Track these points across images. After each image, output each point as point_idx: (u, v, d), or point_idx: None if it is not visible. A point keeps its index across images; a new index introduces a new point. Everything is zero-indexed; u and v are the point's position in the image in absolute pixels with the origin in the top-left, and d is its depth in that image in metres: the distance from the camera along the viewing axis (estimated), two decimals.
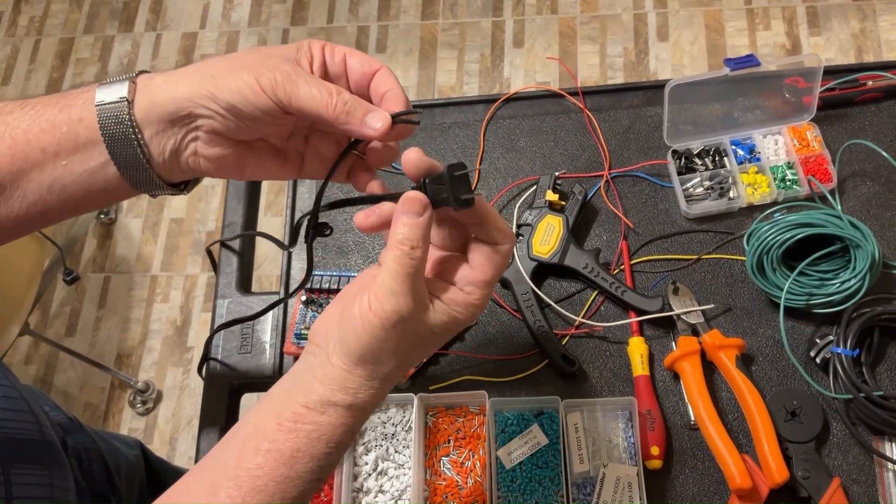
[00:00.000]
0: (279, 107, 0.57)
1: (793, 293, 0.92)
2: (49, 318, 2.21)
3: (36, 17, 2.66)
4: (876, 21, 2.32)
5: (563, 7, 2.45)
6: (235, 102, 0.57)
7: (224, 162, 0.62)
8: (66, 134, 0.59)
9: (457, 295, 0.60)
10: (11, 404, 0.72)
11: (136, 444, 1.13)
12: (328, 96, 0.57)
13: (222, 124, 0.59)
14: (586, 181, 1.07)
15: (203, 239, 2.26)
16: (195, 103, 0.58)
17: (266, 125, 0.59)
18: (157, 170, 0.61)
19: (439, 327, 0.60)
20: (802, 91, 1.04)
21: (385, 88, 0.61)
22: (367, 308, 0.57)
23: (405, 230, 0.57)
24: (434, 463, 0.91)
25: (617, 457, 0.90)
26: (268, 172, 0.66)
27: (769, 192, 1.02)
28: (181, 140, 0.60)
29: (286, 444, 0.57)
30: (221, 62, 0.59)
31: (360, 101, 0.59)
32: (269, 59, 0.58)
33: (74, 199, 0.61)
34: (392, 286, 0.56)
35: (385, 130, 0.58)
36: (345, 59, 0.62)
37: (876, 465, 0.89)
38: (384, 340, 0.57)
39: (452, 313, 0.60)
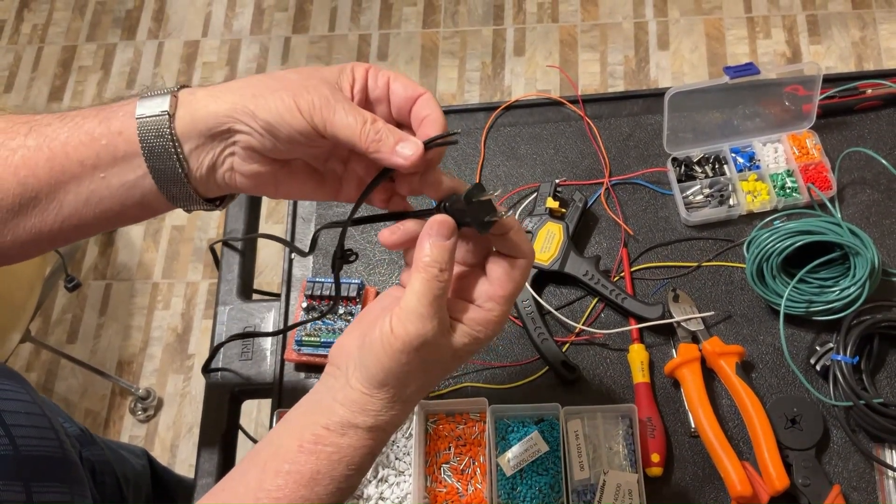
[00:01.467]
0: (315, 130, 0.57)
1: (793, 300, 0.93)
2: (50, 324, 2.22)
3: (38, 25, 2.67)
4: (876, 29, 2.33)
5: (563, 15, 2.45)
6: (273, 122, 0.57)
7: (259, 179, 0.62)
8: (106, 147, 0.59)
9: (476, 314, 0.60)
10: (34, 421, 0.72)
11: (143, 453, 1.14)
12: (362, 125, 0.57)
13: (259, 142, 0.58)
14: (586, 188, 1.07)
15: (204, 246, 2.26)
16: (235, 119, 0.58)
17: (302, 146, 0.59)
18: (194, 184, 0.61)
19: (462, 349, 0.59)
20: (802, 99, 1.04)
21: (425, 113, 0.60)
22: (389, 331, 0.57)
23: (434, 253, 0.57)
24: (434, 470, 0.91)
25: (617, 464, 0.90)
26: (304, 192, 0.66)
27: (769, 200, 1.02)
28: (219, 155, 0.60)
29: (306, 465, 0.57)
30: (264, 80, 0.59)
31: (392, 130, 0.58)
32: (310, 81, 0.58)
33: (111, 212, 0.61)
34: (418, 309, 0.56)
35: (416, 160, 0.57)
36: (388, 84, 0.62)
37: (876, 473, 0.89)
38: (406, 364, 0.57)
39: (474, 334, 0.60)
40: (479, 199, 0.58)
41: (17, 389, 0.73)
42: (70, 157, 0.58)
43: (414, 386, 0.59)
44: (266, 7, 2.60)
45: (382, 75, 0.62)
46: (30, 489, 0.67)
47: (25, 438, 0.69)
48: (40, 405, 0.74)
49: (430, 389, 0.63)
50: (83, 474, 0.76)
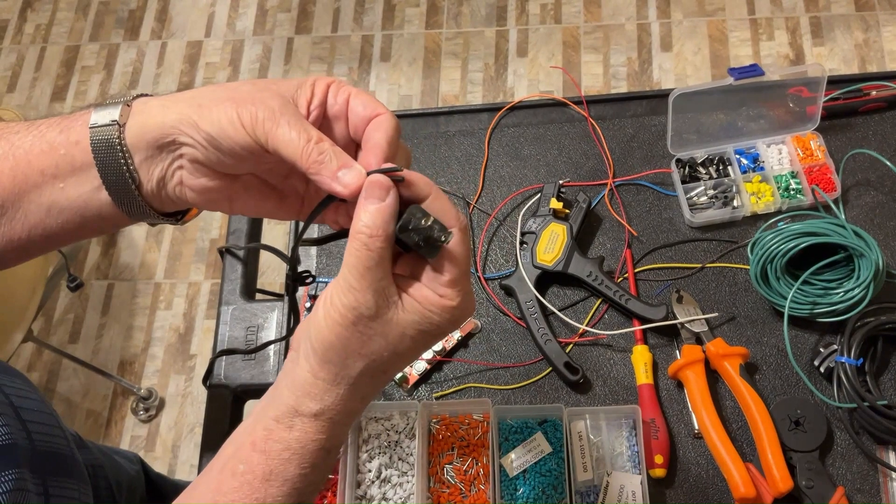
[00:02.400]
0: (258, 145, 0.54)
1: (797, 302, 0.93)
2: (52, 324, 2.22)
3: (41, 25, 2.67)
4: (879, 31, 2.32)
5: (566, 17, 2.45)
6: (214, 134, 0.55)
7: (210, 195, 0.60)
8: (64, 156, 0.58)
9: (430, 294, 0.55)
10: (45, 418, 0.72)
11: (136, 458, 1.13)
12: (305, 142, 0.54)
13: (204, 155, 0.56)
14: (590, 189, 1.07)
15: (207, 246, 2.26)
16: (179, 130, 0.56)
17: (249, 161, 0.57)
18: (146, 198, 0.59)
19: (412, 328, 0.55)
20: (806, 101, 1.04)
21: (373, 137, 0.57)
22: (329, 303, 0.54)
23: (363, 217, 0.53)
24: (437, 471, 0.91)
25: (620, 465, 0.90)
26: (262, 210, 0.63)
27: (773, 202, 1.02)
28: (167, 168, 0.58)
29: (258, 466, 0.55)
30: (214, 91, 0.57)
31: (338, 154, 0.54)
32: (262, 93, 0.56)
33: (72, 223, 0.60)
34: (349, 280, 0.53)
35: (355, 190, 0.53)
36: (348, 101, 0.58)
37: (880, 475, 0.89)
38: (346, 339, 0.54)
39: (426, 313, 0.55)
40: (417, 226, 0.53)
41: (27, 387, 0.73)
42: (32, 165, 0.58)
43: (360, 366, 0.55)
44: (269, 7, 2.60)
45: (343, 91, 0.58)
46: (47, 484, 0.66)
47: (40, 434, 0.69)
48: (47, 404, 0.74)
49: (383, 374, 0.57)
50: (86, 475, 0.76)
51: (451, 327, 0.56)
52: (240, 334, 1.04)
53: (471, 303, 0.57)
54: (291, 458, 0.55)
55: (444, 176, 1.09)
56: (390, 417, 0.94)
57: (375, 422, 0.94)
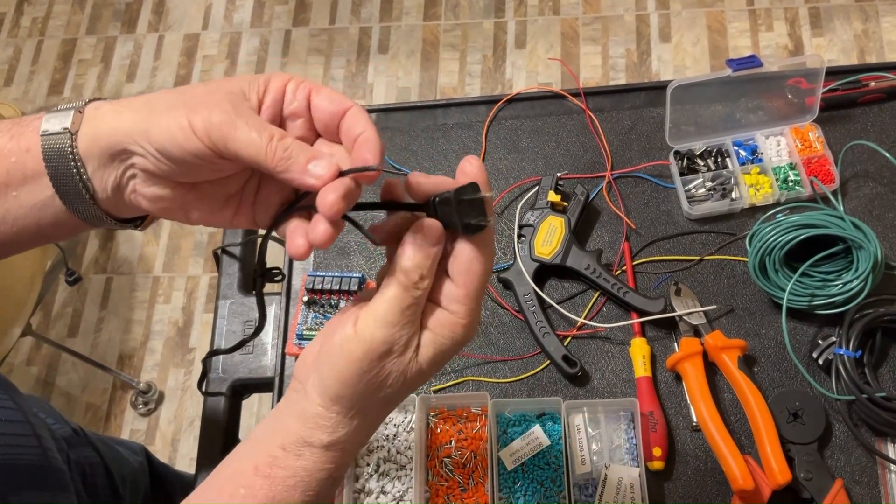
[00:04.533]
0: (214, 151, 0.52)
1: (795, 294, 0.92)
2: (51, 319, 2.22)
3: (38, 19, 2.66)
4: (878, 22, 2.32)
5: (564, 8, 2.44)
6: (165, 144, 0.52)
7: (164, 203, 0.57)
8: (15, 164, 0.55)
9: (443, 317, 0.55)
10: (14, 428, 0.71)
11: (140, 450, 1.13)
12: (268, 141, 0.51)
13: (155, 165, 0.54)
14: (588, 182, 1.07)
15: (205, 240, 2.26)
16: (131, 139, 0.53)
17: (202, 170, 0.54)
18: (102, 205, 0.57)
19: (427, 363, 0.54)
20: (805, 92, 1.03)
21: (358, 131, 0.54)
22: (352, 334, 0.52)
23: (417, 258, 0.52)
24: (436, 464, 0.91)
25: (619, 458, 0.90)
26: (219, 220, 0.59)
27: (771, 193, 1.02)
28: (121, 177, 0.56)
29: (261, 491, 0.53)
30: (167, 96, 0.54)
31: (303, 147, 0.52)
32: (213, 95, 0.53)
33: (28, 231, 0.58)
34: (388, 315, 0.52)
35: (329, 180, 0.51)
36: (308, 97, 0.56)
37: (878, 467, 0.89)
38: (366, 373, 0.53)
39: (439, 341, 0.54)
40: (471, 197, 0.53)
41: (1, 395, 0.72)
42: None
43: (374, 399, 0.54)
44: (266, 0, 2.59)
45: (303, 88, 0.56)
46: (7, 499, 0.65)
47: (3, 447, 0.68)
48: (24, 411, 0.73)
49: (391, 406, 0.57)
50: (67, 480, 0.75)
51: (456, 349, 0.56)
52: (238, 328, 1.03)
53: (477, 324, 0.56)
54: (297, 485, 0.54)
55: (442, 168, 1.09)
56: None
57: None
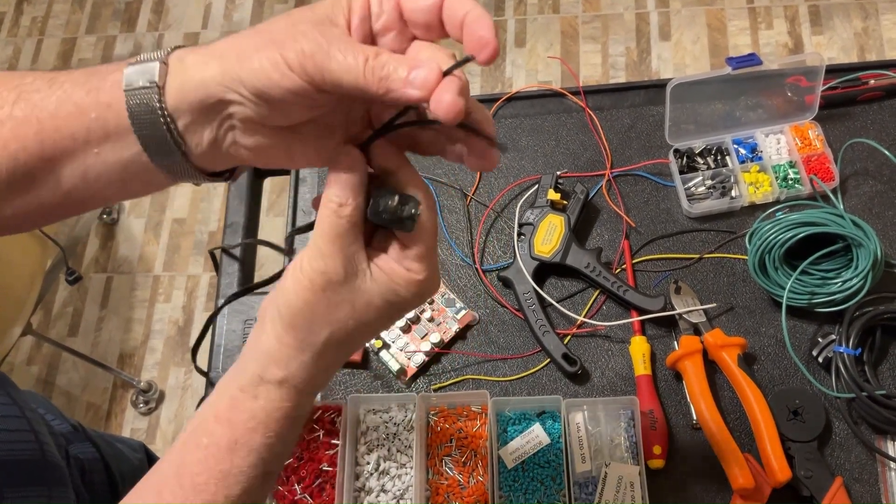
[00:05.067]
0: (312, 85, 0.49)
1: (795, 292, 0.92)
2: (51, 318, 2.22)
3: (38, 18, 2.66)
4: (878, 20, 2.32)
5: (564, 6, 2.44)
6: (261, 86, 0.49)
7: (268, 152, 0.55)
8: (96, 120, 0.52)
9: (396, 267, 0.54)
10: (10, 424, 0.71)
11: (140, 447, 1.13)
12: (364, 63, 0.48)
13: (255, 111, 0.51)
14: (588, 180, 1.07)
15: (205, 239, 2.26)
16: (225, 87, 0.50)
17: (303, 108, 0.51)
18: (197, 161, 0.54)
19: (378, 297, 0.54)
20: (804, 90, 1.03)
21: (462, 11, 0.49)
22: (298, 268, 0.53)
23: (333, 187, 0.52)
24: (436, 462, 0.91)
25: (619, 456, 0.90)
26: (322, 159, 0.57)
27: (771, 191, 1.02)
28: (217, 130, 0.53)
29: (223, 437, 0.54)
30: (251, 37, 0.51)
31: (401, 60, 0.49)
32: (299, 27, 0.50)
33: (113, 187, 0.55)
34: (320, 246, 0.52)
35: (434, 85, 0.47)
36: (397, 4, 0.51)
37: (878, 465, 0.89)
38: (314, 304, 0.52)
39: (392, 285, 0.54)
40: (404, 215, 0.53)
41: None
42: (60, 130, 0.53)
43: (324, 332, 0.54)
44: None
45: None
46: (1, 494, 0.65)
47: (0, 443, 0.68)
48: (20, 406, 0.73)
49: (347, 345, 0.56)
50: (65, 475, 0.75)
51: (416, 301, 0.55)
52: (237, 328, 1.03)
53: (436, 278, 0.56)
54: (257, 427, 0.54)
55: (442, 167, 1.09)
56: (388, 410, 0.94)
57: (374, 414, 0.94)
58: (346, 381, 0.98)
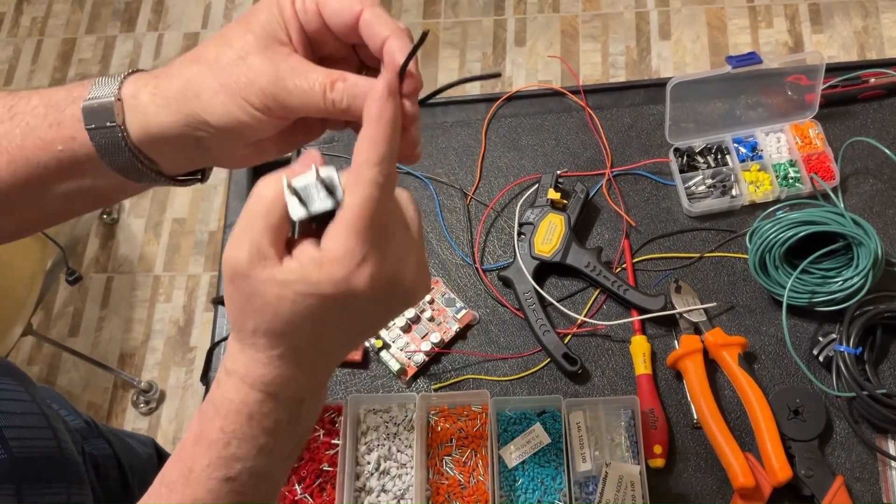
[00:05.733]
0: (277, 118, 0.51)
1: (795, 291, 0.92)
2: (52, 318, 2.22)
3: (38, 18, 2.66)
4: (878, 18, 2.31)
5: (564, 5, 2.44)
6: (229, 125, 0.51)
7: (240, 160, 0.57)
8: (63, 152, 0.54)
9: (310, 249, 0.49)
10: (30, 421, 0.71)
11: (150, 442, 1.13)
12: (321, 95, 0.50)
13: (227, 140, 0.53)
14: (588, 179, 1.06)
15: (205, 239, 2.26)
16: (191, 127, 0.52)
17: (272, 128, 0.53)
18: (172, 174, 0.57)
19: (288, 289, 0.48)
20: (804, 88, 1.03)
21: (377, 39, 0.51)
22: None
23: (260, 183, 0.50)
24: (436, 462, 0.91)
25: (619, 456, 0.90)
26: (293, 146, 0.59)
27: (771, 190, 1.02)
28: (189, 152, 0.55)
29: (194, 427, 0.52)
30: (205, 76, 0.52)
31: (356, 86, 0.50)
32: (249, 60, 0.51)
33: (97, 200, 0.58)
34: (235, 234, 0.49)
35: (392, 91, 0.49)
36: (318, 11, 0.52)
37: (879, 464, 0.89)
38: (230, 294, 0.50)
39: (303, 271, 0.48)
40: None
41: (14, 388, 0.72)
42: (31, 161, 0.54)
43: (249, 324, 0.49)
44: None
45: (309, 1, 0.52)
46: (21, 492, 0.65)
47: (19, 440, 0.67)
48: (38, 402, 0.73)
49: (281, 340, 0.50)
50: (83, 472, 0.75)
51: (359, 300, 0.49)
52: None
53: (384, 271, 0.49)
54: (214, 417, 0.51)
55: (442, 167, 1.09)
56: (389, 409, 0.94)
57: (374, 414, 0.94)
58: (347, 380, 0.98)
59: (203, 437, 0.51)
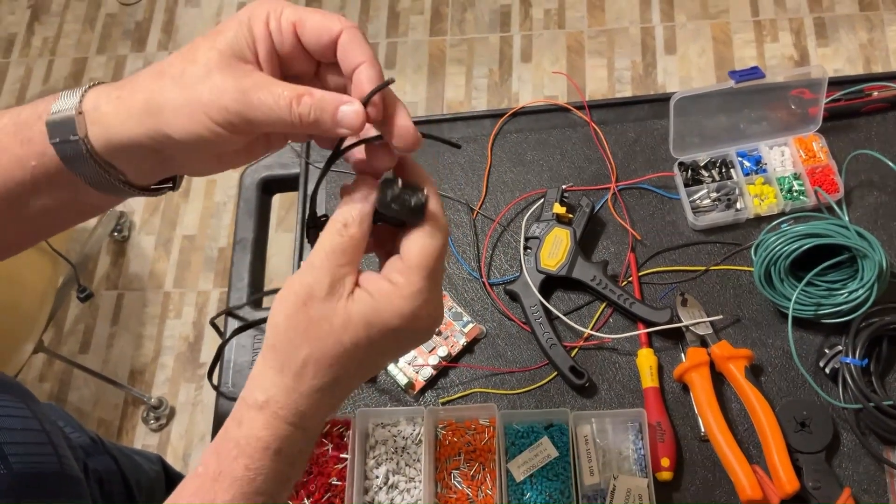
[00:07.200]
0: (242, 134, 0.52)
1: (801, 303, 0.93)
2: (63, 335, 2.23)
3: (49, 38, 2.69)
4: (884, 31, 2.32)
5: (570, 21, 2.46)
6: (192, 141, 0.51)
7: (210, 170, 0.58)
8: (37, 168, 0.54)
9: (382, 282, 0.53)
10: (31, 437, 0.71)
11: (157, 459, 1.14)
12: (287, 108, 0.50)
13: (190, 153, 0.54)
14: (593, 194, 1.07)
15: (215, 255, 2.27)
16: (154, 141, 0.52)
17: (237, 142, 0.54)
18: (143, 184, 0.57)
19: (357, 316, 0.52)
20: (808, 102, 1.04)
21: (351, 63, 0.52)
22: (287, 284, 0.53)
23: (343, 208, 0.54)
24: (445, 476, 0.91)
25: (627, 469, 0.90)
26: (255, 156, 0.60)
27: (776, 203, 1.02)
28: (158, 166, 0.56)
29: (212, 466, 0.53)
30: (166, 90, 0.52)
31: (324, 100, 0.51)
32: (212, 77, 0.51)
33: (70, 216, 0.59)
34: (312, 260, 0.52)
35: (360, 126, 0.51)
36: (295, 32, 0.53)
37: (887, 475, 0.89)
38: (294, 319, 0.52)
39: (373, 302, 0.52)
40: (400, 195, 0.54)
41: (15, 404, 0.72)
42: (5, 179, 0.55)
43: (303, 352, 0.52)
44: None
45: (286, 21, 0.52)
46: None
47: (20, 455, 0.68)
48: (40, 419, 0.74)
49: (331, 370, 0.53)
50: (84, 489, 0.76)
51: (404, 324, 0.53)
52: (247, 342, 1.04)
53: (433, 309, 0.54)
54: (238, 456, 0.52)
55: (448, 182, 1.10)
56: (397, 423, 0.95)
57: (382, 428, 0.94)
58: (355, 394, 0.99)
59: (225, 474, 0.52)
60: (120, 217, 2.30)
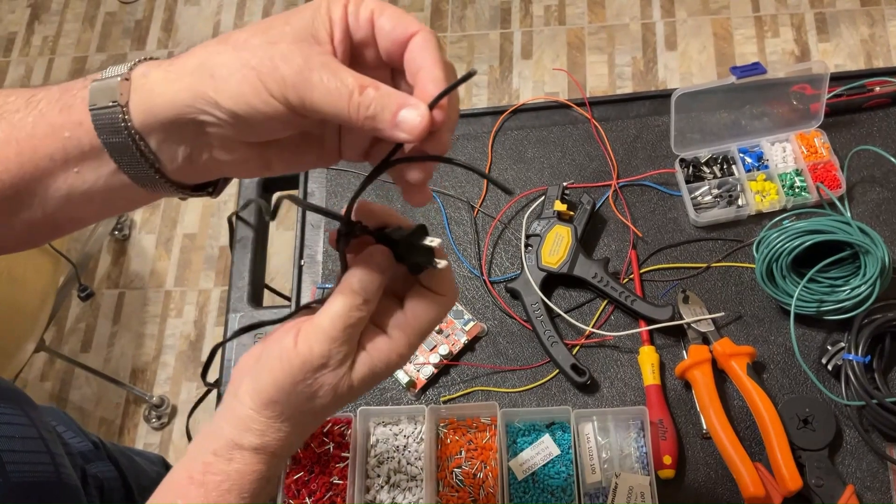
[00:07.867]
0: (293, 112, 0.48)
1: (803, 300, 0.92)
2: (64, 334, 2.23)
3: (49, 37, 2.69)
4: (885, 26, 2.31)
5: (570, 18, 2.45)
6: (240, 111, 0.47)
7: (244, 166, 0.54)
8: (70, 139, 0.51)
9: (382, 343, 0.55)
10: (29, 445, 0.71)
11: (159, 460, 1.14)
12: (347, 96, 0.47)
13: (231, 132, 0.49)
14: (594, 191, 1.07)
15: (216, 254, 2.27)
16: (197, 109, 0.48)
17: (284, 128, 0.50)
18: (173, 176, 0.53)
19: (359, 381, 0.54)
20: (809, 98, 1.04)
21: (418, 64, 0.49)
22: (292, 346, 0.53)
23: (364, 281, 0.53)
24: (446, 475, 0.91)
25: (629, 466, 0.90)
26: (302, 165, 0.57)
27: (778, 200, 1.02)
28: (192, 146, 0.51)
29: (196, 498, 0.53)
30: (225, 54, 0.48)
31: (388, 97, 0.47)
32: (278, 46, 0.48)
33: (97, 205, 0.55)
34: (330, 331, 0.52)
35: (422, 132, 0.47)
36: (372, 20, 0.50)
37: (890, 472, 0.89)
38: (300, 383, 0.53)
39: (374, 364, 0.55)
40: (421, 243, 0.54)
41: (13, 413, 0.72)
42: (38, 151, 0.52)
43: (304, 408, 0.54)
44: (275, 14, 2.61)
45: (365, 8, 0.49)
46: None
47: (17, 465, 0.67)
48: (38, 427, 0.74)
49: (319, 418, 0.57)
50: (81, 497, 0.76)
51: (387, 375, 0.56)
52: (248, 341, 1.04)
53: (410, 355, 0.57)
54: (231, 488, 0.54)
55: (449, 180, 1.10)
56: (398, 422, 0.94)
57: (383, 426, 0.94)
58: None
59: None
60: (120, 216, 2.30)
